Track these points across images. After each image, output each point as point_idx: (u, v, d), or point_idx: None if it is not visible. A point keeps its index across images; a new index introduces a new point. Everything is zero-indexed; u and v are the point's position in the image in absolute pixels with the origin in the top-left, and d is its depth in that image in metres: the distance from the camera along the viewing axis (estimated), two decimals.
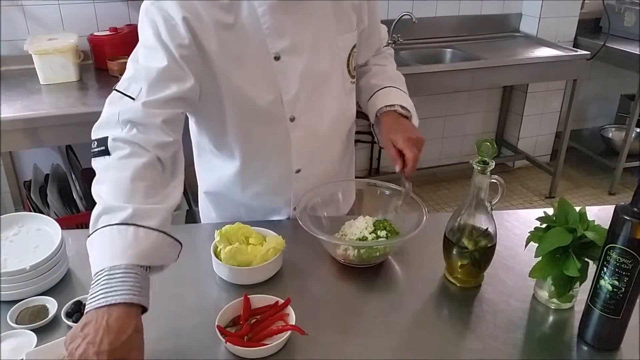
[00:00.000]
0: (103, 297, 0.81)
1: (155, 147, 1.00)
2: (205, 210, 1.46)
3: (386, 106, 1.30)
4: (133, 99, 1.02)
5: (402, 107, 1.31)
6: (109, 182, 0.95)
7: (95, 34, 2.63)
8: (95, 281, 0.84)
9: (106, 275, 0.83)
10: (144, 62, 1.05)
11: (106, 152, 0.98)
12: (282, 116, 1.20)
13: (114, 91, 1.06)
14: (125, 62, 2.58)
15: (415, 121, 1.33)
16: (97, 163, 1.00)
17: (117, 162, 0.97)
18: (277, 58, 1.14)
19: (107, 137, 0.99)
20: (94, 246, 0.89)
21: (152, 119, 1.01)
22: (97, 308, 0.81)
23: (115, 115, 1.01)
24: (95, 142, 1.00)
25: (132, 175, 0.95)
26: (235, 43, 1.11)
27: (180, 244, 0.97)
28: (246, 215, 1.36)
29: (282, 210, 1.37)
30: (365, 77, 1.40)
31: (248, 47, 1.12)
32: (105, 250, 0.87)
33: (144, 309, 0.85)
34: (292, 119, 1.21)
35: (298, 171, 1.29)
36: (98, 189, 0.95)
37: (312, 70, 1.19)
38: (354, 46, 1.27)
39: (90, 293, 0.83)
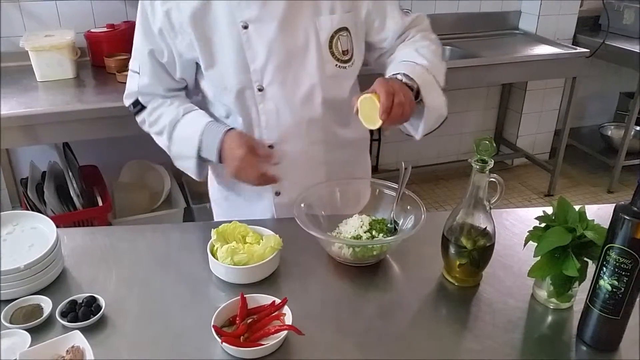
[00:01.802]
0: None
1: (168, 92, 1.35)
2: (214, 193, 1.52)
3: (392, 75, 1.23)
4: (138, 73, 1.33)
5: (407, 76, 1.20)
6: (160, 112, 1.34)
7: (92, 30, 2.61)
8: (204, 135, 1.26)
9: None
10: (137, 40, 1.31)
11: (143, 107, 1.36)
12: (250, 86, 1.25)
13: (129, 70, 1.37)
14: (123, 59, 2.60)
15: (429, 98, 1.21)
16: (140, 117, 1.38)
17: (156, 103, 1.35)
18: (245, 27, 1.21)
19: (137, 98, 1.36)
20: (184, 128, 1.30)
21: (154, 89, 1.34)
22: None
23: (133, 89, 1.36)
24: (131, 106, 1.37)
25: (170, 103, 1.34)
26: (208, 13, 1.21)
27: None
28: (235, 199, 1.42)
29: (264, 196, 1.38)
30: (391, 57, 1.35)
31: (219, 16, 1.21)
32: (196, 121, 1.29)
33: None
34: (261, 89, 1.26)
35: (271, 147, 1.31)
36: (155, 118, 1.34)
37: (282, 42, 1.22)
38: (340, 30, 1.26)
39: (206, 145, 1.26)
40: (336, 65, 1.28)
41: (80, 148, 2.68)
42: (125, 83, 2.36)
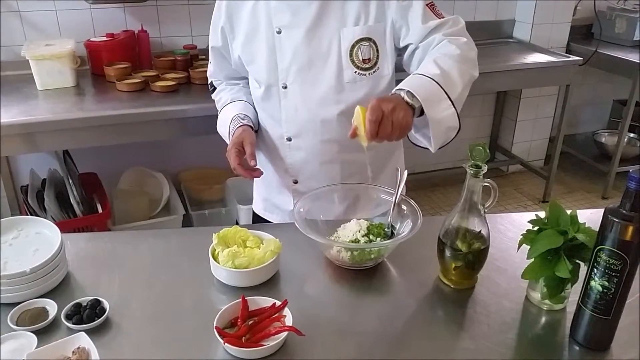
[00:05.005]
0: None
1: (229, 80, 1.63)
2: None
3: (396, 90, 1.24)
4: (211, 63, 1.60)
5: (410, 94, 1.20)
6: (221, 95, 1.61)
7: (92, 39, 2.64)
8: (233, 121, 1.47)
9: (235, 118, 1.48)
10: (210, 36, 1.51)
11: (215, 88, 1.64)
12: (277, 83, 1.40)
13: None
14: (122, 68, 2.63)
15: (432, 112, 1.22)
16: (213, 95, 1.66)
17: (221, 87, 1.63)
18: (279, 32, 1.36)
19: (211, 82, 1.65)
20: (225, 113, 1.53)
21: (217, 76, 1.63)
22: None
23: (208, 74, 1.65)
24: (209, 86, 1.66)
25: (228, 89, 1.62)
26: (252, 18, 1.39)
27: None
28: (268, 181, 1.57)
29: (284, 179, 1.53)
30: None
31: (260, 21, 1.38)
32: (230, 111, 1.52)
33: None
34: (285, 87, 1.40)
35: (289, 139, 1.45)
36: (218, 99, 1.63)
37: (306, 47, 1.35)
38: (362, 40, 1.34)
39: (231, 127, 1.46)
40: (355, 72, 1.36)
41: (80, 155, 2.70)
42: (124, 91, 2.44)
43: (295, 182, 1.50)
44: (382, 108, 1.14)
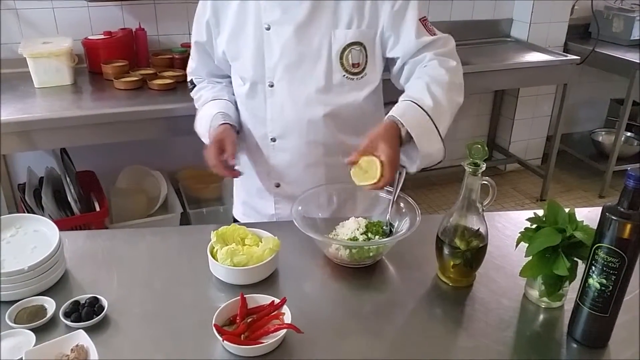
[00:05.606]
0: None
1: (210, 77, 1.58)
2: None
3: (395, 118, 1.25)
4: (192, 59, 1.56)
5: (407, 132, 1.22)
6: (202, 92, 1.56)
7: (90, 37, 2.63)
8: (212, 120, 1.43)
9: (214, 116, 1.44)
10: (192, 30, 1.50)
11: (195, 85, 1.59)
12: (263, 81, 1.38)
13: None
14: (120, 66, 2.62)
15: (423, 147, 1.24)
16: (192, 93, 1.60)
17: (202, 85, 1.58)
18: (267, 28, 1.34)
19: (192, 79, 1.60)
20: (205, 110, 1.48)
21: (199, 73, 1.59)
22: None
23: (188, 70, 1.61)
24: (189, 83, 1.61)
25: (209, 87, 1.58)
26: (240, 13, 1.36)
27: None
28: (248, 185, 1.55)
29: (265, 183, 1.50)
30: (407, 83, 1.40)
31: (249, 17, 1.35)
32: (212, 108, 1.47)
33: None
34: (271, 85, 1.37)
35: (273, 140, 1.42)
36: (198, 96, 1.57)
37: (295, 45, 1.33)
38: (354, 44, 1.32)
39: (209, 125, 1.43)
40: (344, 75, 1.35)
41: (78, 154, 2.69)
42: (121, 89, 2.43)
43: (278, 185, 1.48)
44: (396, 161, 1.17)
